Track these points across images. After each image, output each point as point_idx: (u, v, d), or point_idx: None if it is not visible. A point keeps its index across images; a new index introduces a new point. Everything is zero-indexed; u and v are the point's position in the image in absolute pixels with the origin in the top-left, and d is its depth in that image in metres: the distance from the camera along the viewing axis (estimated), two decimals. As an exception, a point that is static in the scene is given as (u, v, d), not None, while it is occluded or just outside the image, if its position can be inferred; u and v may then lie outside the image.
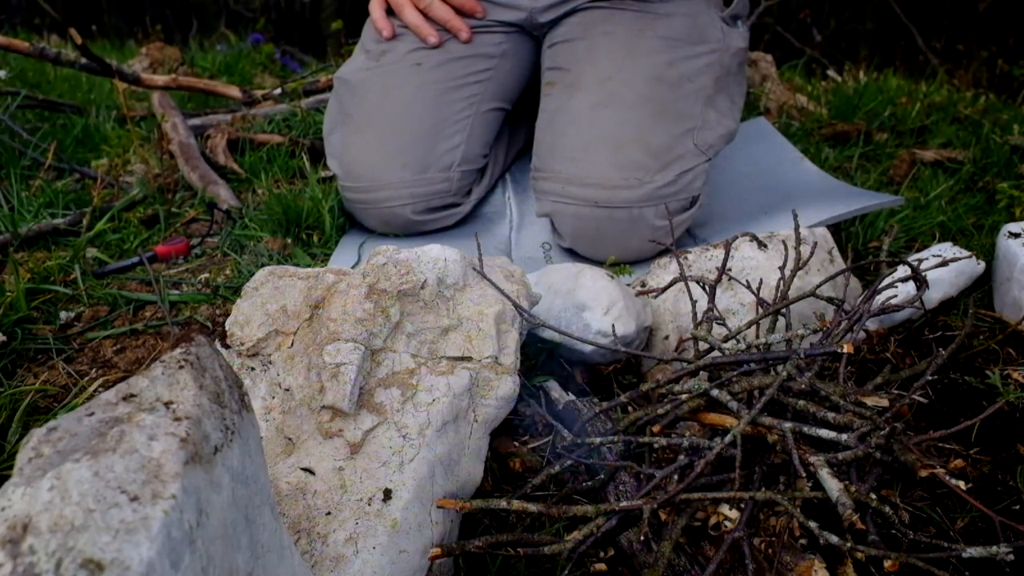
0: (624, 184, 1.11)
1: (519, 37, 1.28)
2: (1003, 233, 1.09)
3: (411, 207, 1.23)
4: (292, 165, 1.55)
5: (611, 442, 0.76)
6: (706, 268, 1.02)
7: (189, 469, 0.36)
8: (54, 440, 0.35)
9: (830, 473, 0.67)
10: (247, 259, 1.19)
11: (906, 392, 0.78)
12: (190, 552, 0.35)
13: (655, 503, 0.66)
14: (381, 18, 1.26)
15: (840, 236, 1.26)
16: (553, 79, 1.22)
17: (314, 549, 0.62)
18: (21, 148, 1.55)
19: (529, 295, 0.87)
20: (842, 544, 0.62)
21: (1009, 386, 0.89)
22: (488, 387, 0.77)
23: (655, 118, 1.12)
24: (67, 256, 1.18)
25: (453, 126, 1.24)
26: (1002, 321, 1.04)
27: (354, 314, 0.74)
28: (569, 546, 0.65)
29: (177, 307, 1.10)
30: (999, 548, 0.60)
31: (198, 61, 2.59)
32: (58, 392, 0.92)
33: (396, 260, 0.78)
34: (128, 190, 1.43)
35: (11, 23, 4.33)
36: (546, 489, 0.78)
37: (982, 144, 1.69)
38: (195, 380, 0.41)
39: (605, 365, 0.98)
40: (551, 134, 1.18)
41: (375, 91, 1.23)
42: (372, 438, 0.70)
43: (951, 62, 3.66)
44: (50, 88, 2.11)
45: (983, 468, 0.81)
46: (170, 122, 1.61)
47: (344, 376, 0.70)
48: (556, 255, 1.24)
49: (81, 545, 0.31)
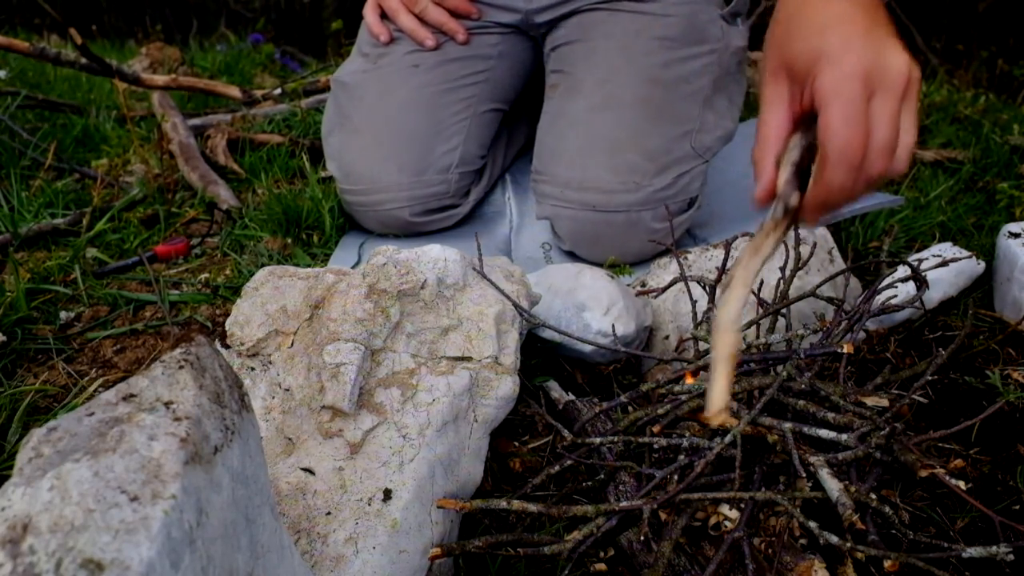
0: (622, 188, 1.11)
1: (515, 38, 1.28)
2: (1003, 233, 1.09)
3: (409, 209, 1.23)
4: (292, 165, 1.55)
5: (611, 442, 0.76)
6: (706, 268, 1.02)
7: (189, 469, 0.36)
8: (54, 440, 0.35)
9: (830, 473, 0.67)
10: (247, 259, 1.19)
11: (906, 392, 0.78)
12: (190, 552, 0.35)
13: (655, 503, 0.66)
14: (376, 23, 1.25)
15: (840, 236, 1.26)
16: (556, 81, 1.22)
17: (314, 549, 0.62)
18: (21, 148, 1.55)
19: (529, 295, 0.87)
20: (842, 544, 0.62)
21: (1009, 386, 0.89)
22: (488, 387, 0.77)
23: (652, 121, 1.12)
24: (67, 256, 1.18)
25: (450, 128, 1.23)
26: (1002, 321, 1.04)
27: (354, 314, 0.74)
28: (569, 546, 0.65)
29: (177, 307, 1.10)
30: (999, 548, 0.60)
31: (198, 61, 2.59)
32: (58, 392, 0.92)
33: (396, 260, 0.78)
34: (128, 190, 1.43)
35: (11, 23, 4.33)
36: (546, 489, 0.78)
37: (982, 144, 1.69)
38: (195, 380, 0.41)
39: (605, 365, 0.98)
40: (551, 137, 1.18)
41: (372, 93, 1.23)
42: (372, 438, 0.70)
43: (951, 62, 3.66)
44: (50, 88, 2.11)
45: (983, 468, 0.82)
46: (170, 122, 1.61)
47: (344, 376, 0.70)
48: (556, 255, 1.24)
49: (81, 545, 0.31)
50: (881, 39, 0.63)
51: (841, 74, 0.61)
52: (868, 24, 0.63)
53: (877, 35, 0.63)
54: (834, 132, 0.60)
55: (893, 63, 0.61)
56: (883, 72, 0.61)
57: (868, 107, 0.61)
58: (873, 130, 0.61)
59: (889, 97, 0.61)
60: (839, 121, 0.60)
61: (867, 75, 0.61)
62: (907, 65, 0.61)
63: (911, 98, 0.62)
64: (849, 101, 0.60)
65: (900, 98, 0.61)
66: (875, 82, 0.61)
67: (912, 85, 0.62)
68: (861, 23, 0.63)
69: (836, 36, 0.63)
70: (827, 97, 0.61)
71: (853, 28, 0.63)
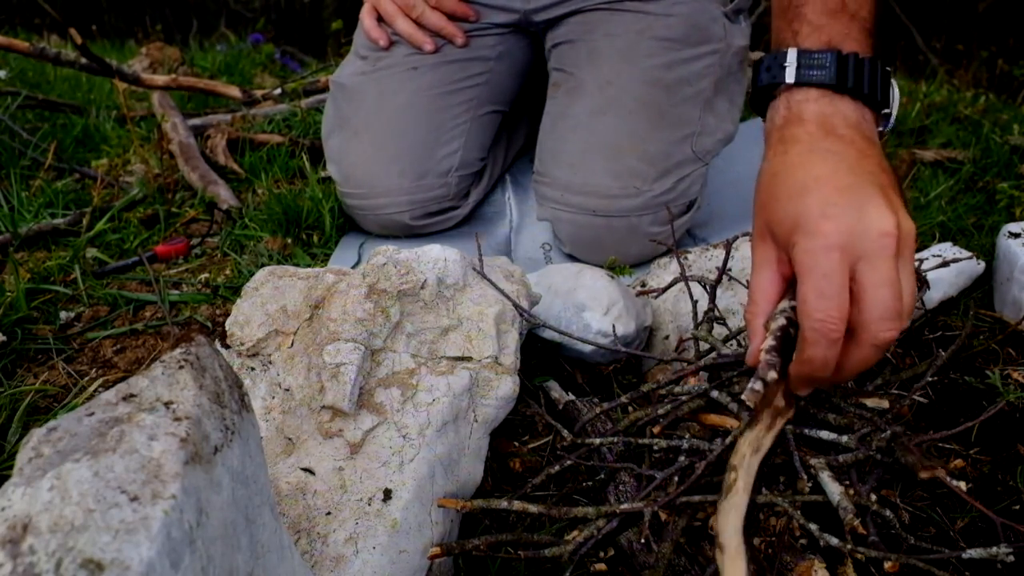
0: (622, 193, 1.11)
1: (515, 38, 1.27)
2: (1003, 233, 1.09)
3: (409, 213, 1.23)
4: (292, 165, 1.55)
5: (611, 443, 0.76)
6: (706, 268, 1.02)
7: (189, 469, 0.36)
8: (54, 440, 0.35)
9: (831, 476, 0.67)
10: (247, 259, 1.19)
11: (906, 392, 0.78)
12: (190, 552, 0.35)
13: (656, 506, 0.65)
14: (374, 28, 1.24)
15: (840, 236, 1.26)
16: (557, 80, 1.22)
17: (314, 549, 0.62)
18: (21, 148, 1.55)
19: (529, 295, 0.87)
20: (842, 546, 0.62)
21: (1009, 386, 0.89)
22: (488, 387, 0.77)
23: (654, 125, 1.12)
24: (67, 256, 1.18)
25: (450, 131, 1.23)
26: (1002, 321, 1.04)
27: (354, 314, 0.74)
28: (570, 549, 0.65)
29: (177, 307, 1.10)
30: (999, 549, 0.60)
31: (198, 61, 2.59)
32: (58, 392, 0.92)
33: (396, 260, 0.78)
34: (128, 190, 1.43)
35: (11, 23, 4.33)
36: (546, 489, 0.78)
37: (982, 144, 1.69)
38: (195, 380, 0.41)
39: (605, 365, 0.98)
40: (552, 139, 1.18)
41: (372, 96, 1.22)
42: (372, 438, 0.70)
43: (951, 62, 3.66)
44: (50, 88, 2.11)
45: (983, 468, 0.82)
46: (170, 122, 1.61)
47: (344, 376, 0.70)
48: (556, 255, 1.24)
49: (81, 545, 0.31)
50: (865, 198, 0.58)
51: (816, 246, 0.57)
52: (851, 182, 0.59)
53: (860, 194, 0.58)
54: (810, 307, 0.57)
55: (875, 225, 0.56)
56: (863, 237, 0.57)
57: (853, 276, 0.57)
58: (861, 300, 0.57)
59: (875, 262, 0.56)
60: (813, 296, 0.57)
61: (845, 244, 0.56)
62: (891, 223, 0.57)
63: (904, 256, 0.58)
64: (824, 275, 0.56)
65: (889, 260, 0.56)
66: (856, 249, 0.56)
67: (904, 241, 0.58)
68: (844, 181, 0.59)
69: (814, 200, 0.59)
70: (802, 271, 0.58)
71: (832, 190, 0.59)
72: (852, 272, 0.57)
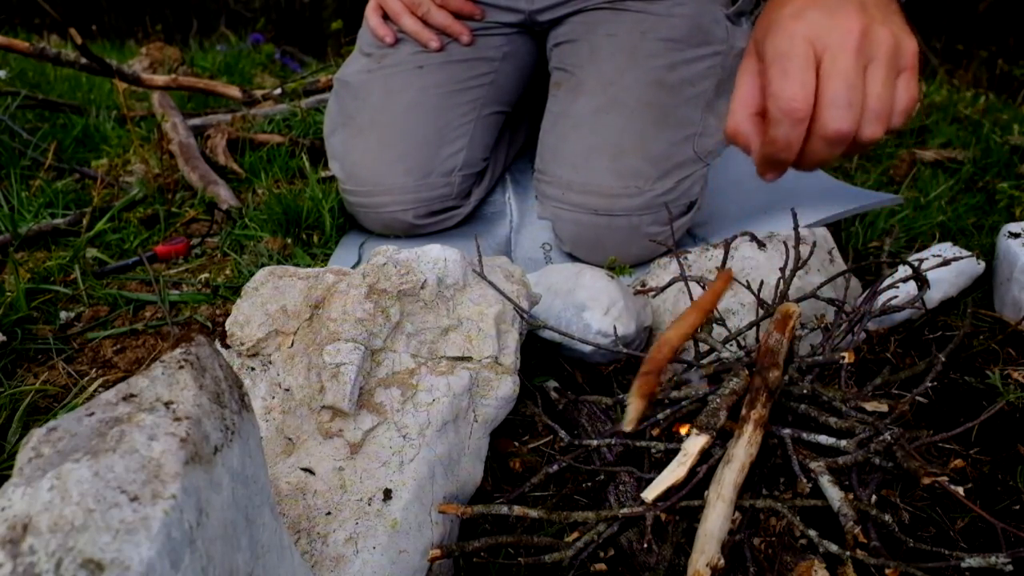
0: (624, 192, 1.11)
1: (520, 38, 1.27)
2: (1003, 233, 1.09)
3: (412, 212, 1.23)
4: (292, 165, 1.55)
5: (610, 444, 0.76)
6: (706, 268, 1.02)
7: (189, 469, 0.36)
8: (54, 440, 0.35)
9: (831, 481, 0.67)
10: (247, 259, 1.19)
11: (906, 393, 0.78)
12: (190, 552, 0.35)
13: (657, 510, 0.65)
14: (380, 25, 1.24)
15: (840, 236, 1.26)
16: (559, 80, 1.21)
17: (314, 549, 0.62)
18: (21, 148, 1.55)
19: (529, 295, 0.87)
20: (842, 553, 0.62)
21: (1009, 386, 0.89)
22: (488, 387, 0.77)
23: (656, 125, 1.12)
24: (67, 256, 1.18)
25: (455, 131, 1.23)
26: (1002, 321, 1.04)
27: (354, 314, 0.74)
28: (570, 554, 0.65)
29: (177, 307, 1.10)
30: (998, 559, 0.60)
31: (198, 61, 2.59)
32: (58, 392, 0.92)
33: (396, 260, 0.78)
34: (128, 190, 1.43)
35: (11, 23, 4.33)
36: (546, 489, 0.78)
37: (982, 144, 1.69)
38: (195, 380, 0.41)
39: (605, 365, 0.98)
40: (554, 138, 1.18)
41: (377, 94, 1.22)
42: (372, 438, 0.70)
43: (951, 62, 3.66)
44: (50, 88, 2.11)
45: (983, 468, 0.81)
46: (170, 122, 1.61)
47: (344, 376, 0.70)
48: (556, 255, 1.24)
49: (81, 545, 0.31)
50: (839, 6, 0.62)
51: (782, 36, 0.61)
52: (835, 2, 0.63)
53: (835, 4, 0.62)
54: (775, 87, 0.60)
55: (842, 23, 0.60)
56: (830, 31, 0.60)
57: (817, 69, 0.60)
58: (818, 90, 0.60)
59: (835, 53, 0.60)
60: (778, 76, 0.60)
61: (811, 35, 0.60)
62: (858, 22, 0.60)
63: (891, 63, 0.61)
64: (787, 56, 0.60)
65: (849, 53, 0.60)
66: (821, 42, 0.60)
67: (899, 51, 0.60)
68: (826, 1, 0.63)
69: (789, 9, 0.63)
70: (769, 59, 0.62)
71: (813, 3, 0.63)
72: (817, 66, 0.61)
